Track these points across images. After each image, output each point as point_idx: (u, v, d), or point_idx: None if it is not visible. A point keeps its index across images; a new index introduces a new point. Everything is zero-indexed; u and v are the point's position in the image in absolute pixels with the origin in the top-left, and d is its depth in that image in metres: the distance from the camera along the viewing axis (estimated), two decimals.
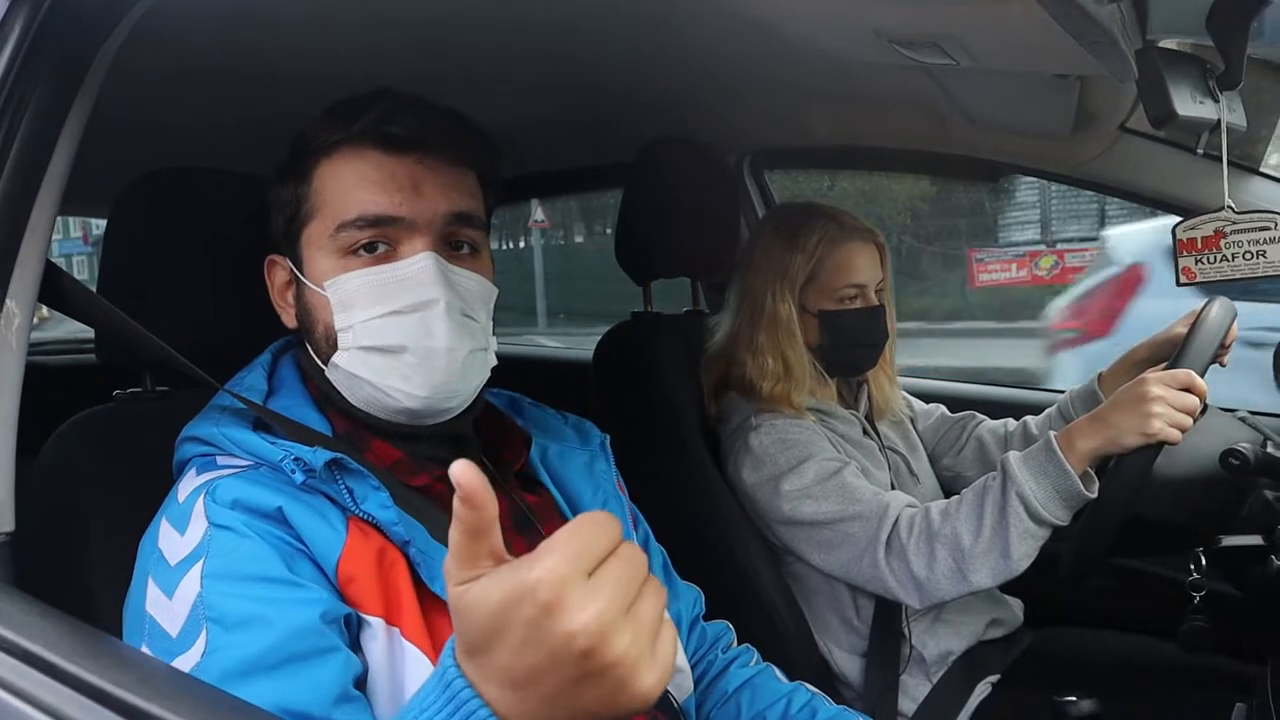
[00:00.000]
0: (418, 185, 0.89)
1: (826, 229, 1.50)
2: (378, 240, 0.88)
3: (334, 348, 0.89)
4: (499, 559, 0.55)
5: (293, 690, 0.71)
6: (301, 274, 0.92)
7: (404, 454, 0.92)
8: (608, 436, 1.11)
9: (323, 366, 0.91)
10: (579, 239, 14.00)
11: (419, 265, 0.87)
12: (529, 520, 0.96)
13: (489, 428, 1.02)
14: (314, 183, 0.91)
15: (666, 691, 0.99)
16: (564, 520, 1.00)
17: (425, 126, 0.89)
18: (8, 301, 0.82)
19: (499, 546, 0.56)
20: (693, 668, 1.09)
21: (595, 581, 0.53)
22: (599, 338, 1.66)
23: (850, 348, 1.53)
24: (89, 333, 1.00)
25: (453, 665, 0.56)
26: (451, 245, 0.91)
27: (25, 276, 0.84)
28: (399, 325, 0.87)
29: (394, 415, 0.90)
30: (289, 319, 0.96)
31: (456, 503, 0.54)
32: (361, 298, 0.87)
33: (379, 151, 0.89)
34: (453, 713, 0.55)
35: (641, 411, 1.55)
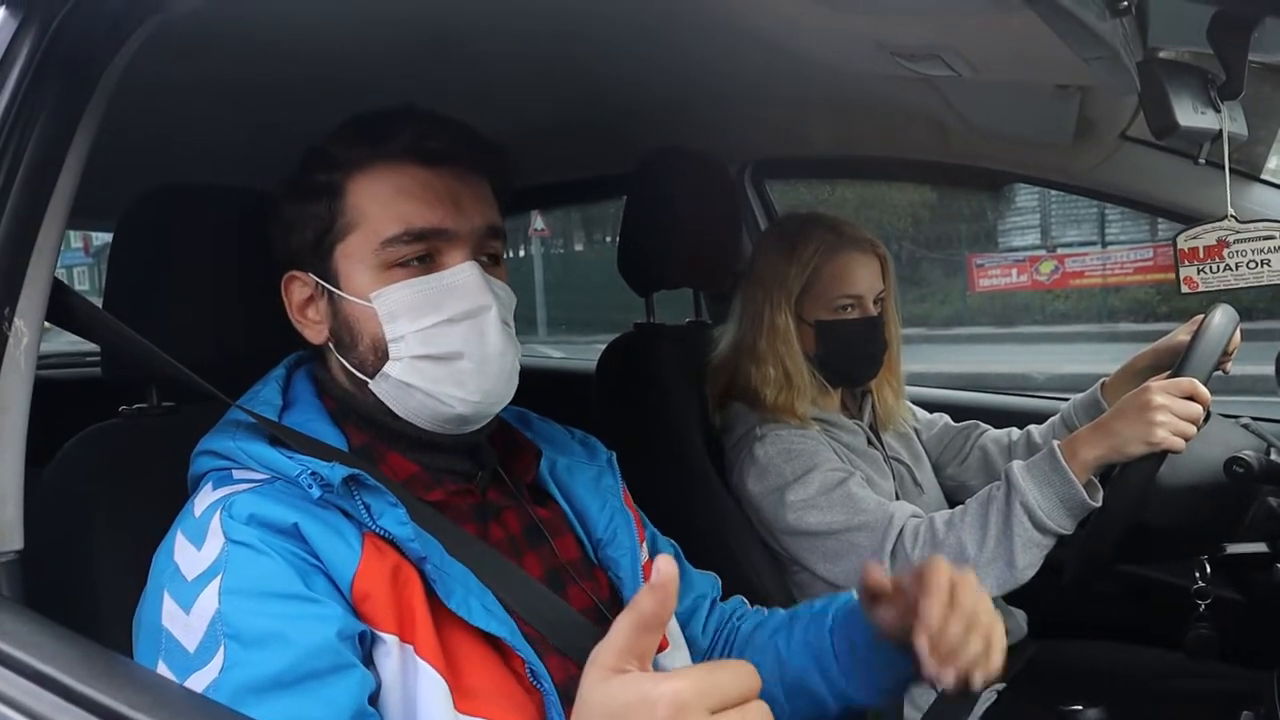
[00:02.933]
0: (457, 200, 0.91)
1: (824, 239, 1.50)
2: (426, 253, 0.90)
3: (384, 359, 0.90)
4: (644, 664, 0.58)
5: (309, 707, 0.72)
6: (337, 288, 0.92)
7: (421, 468, 0.92)
8: (614, 454, 1.11)
9: (366, 379, 0.91)
10: (579, 247, 14.02)
11: (466, 274, 0.89)
12: (541, 534, 0.97)
13: (500, 441, 1.02)
14: (348, 198, 0.91)
15: None
16: (574, 534, 1.00)
17: (458, 142, 0.92)
18: (16, 320, 0.82)
19: (652, 651, 0.60)
20: (715, 642, 1.13)
21: (714, 717, 0.56)
22: (601, 346, 1.67)
23: (846, 358, 1.53)
24: (88, 345, 1.00)
25: None
26: (485, 256, 0.93)
27: (33, 295, 0.84)
28: (454, 332, 0.88)
29: (440, 424, 0.91)
30: (315, 335, 0.95)
31: (643, 591, 0.58)
32: (411, 308, 0.89)
33: (419, 166, 0.91)
34: None
35: (645, 421, 1.55)
